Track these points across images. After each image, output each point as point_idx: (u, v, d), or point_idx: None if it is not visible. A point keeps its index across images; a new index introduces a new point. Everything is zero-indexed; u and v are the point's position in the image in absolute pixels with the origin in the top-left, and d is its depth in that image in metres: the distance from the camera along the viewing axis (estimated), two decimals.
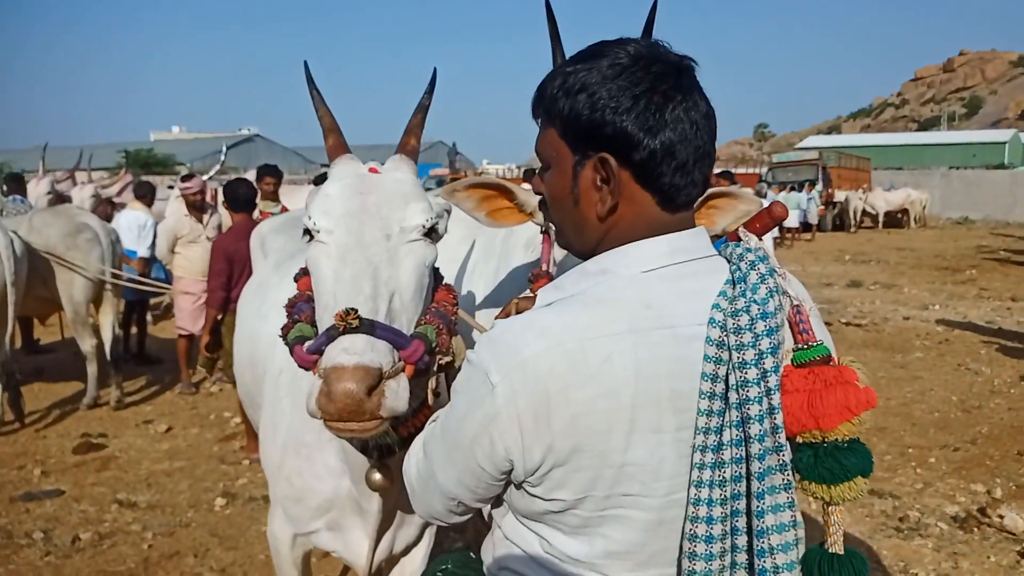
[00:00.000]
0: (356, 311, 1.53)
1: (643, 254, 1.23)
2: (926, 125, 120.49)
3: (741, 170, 39.19)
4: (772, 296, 1.17)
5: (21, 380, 6.66)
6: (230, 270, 5.61)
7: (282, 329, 1.85)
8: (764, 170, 30.81)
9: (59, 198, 9.19)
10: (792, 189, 22.98)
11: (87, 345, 6.85)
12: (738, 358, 1.15)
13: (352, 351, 1.49)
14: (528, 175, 15.24)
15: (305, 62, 2.06)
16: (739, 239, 1.29)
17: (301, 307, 1.88)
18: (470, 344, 2.02)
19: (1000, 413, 6.51)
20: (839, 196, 26.88)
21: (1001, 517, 4.48)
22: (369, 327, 1.54)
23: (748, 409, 1.15)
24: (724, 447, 1.17)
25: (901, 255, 18.81)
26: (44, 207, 8.07)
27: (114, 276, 6.96)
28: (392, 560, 2.43)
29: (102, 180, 11.39)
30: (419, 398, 1.83)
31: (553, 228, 2.01)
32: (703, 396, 1.16)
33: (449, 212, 1.97)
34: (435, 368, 1.80)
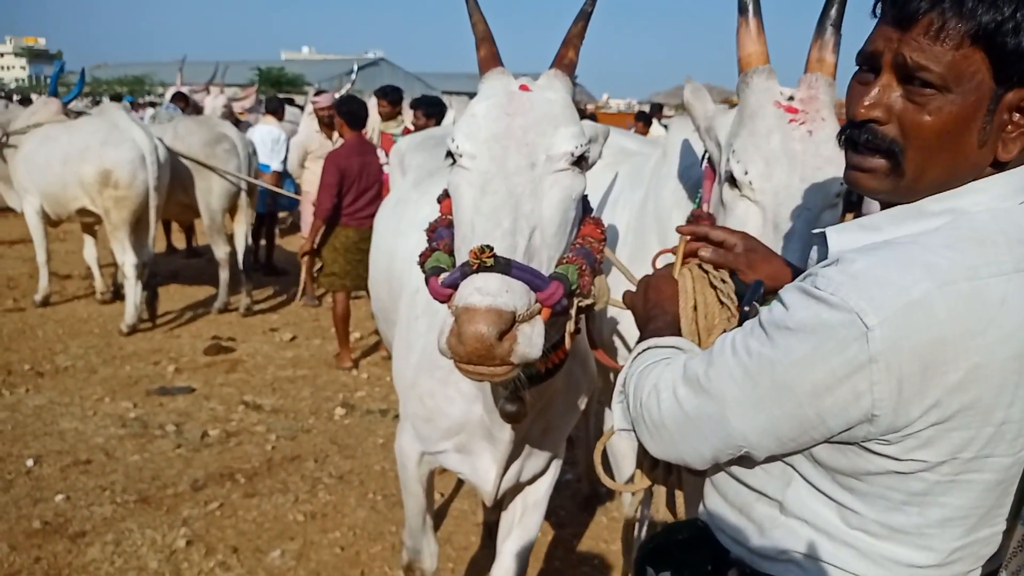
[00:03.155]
0: (492, 249, 1.44)
1: (1003, 188, 1.11)
2: None
3: None
4: None
5: (159, 282, 7.00)
6: (340, 183, 5.70)
7: (420, 256, 1.79)
8: None
9: (194, 108, 9.52)
10: None
11: (221, 252, 7.12)
12: None
13: (485, 291, 1.41)
14: (654, 110, 14.73)
15: None
16: None
17: (441, 232, 1.81)
18: (615, 285, 1.90)
19: None
20: None
21: None
22: (505, 266, 1.45)
23: None
24: None
25: None
26: (186, 116, 8.34)
27: (249, 185, 7.18)
28: (517, 488, 2.41)
29: (235, 94, 11.71)
30: (554, 338, 1.75)
31: (739, 160, 1.84)
32: None
33: (606, 137, 1.84)
34: (574, 311, 1.70)
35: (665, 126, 14.32)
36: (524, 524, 2.49)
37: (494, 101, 1.66)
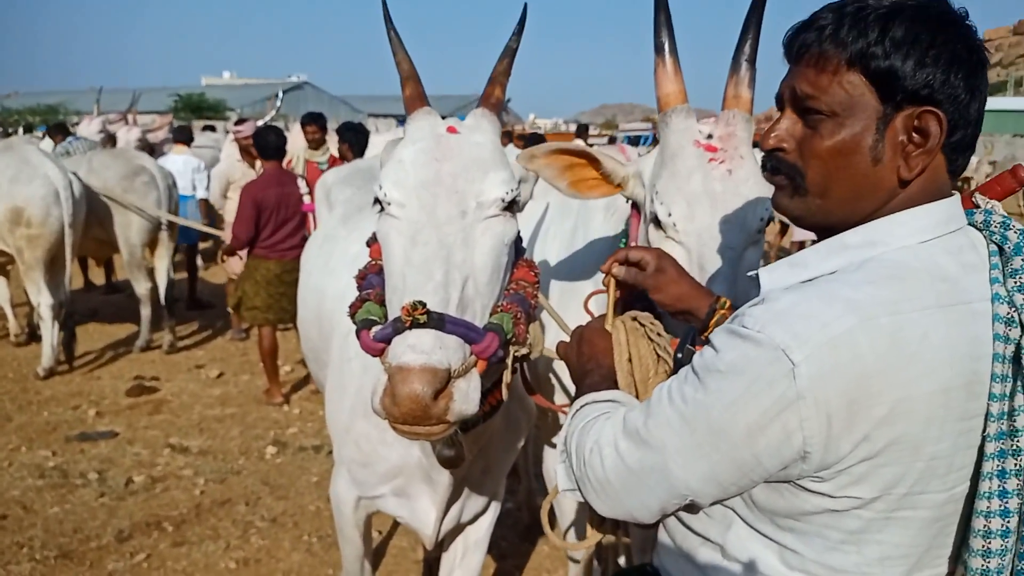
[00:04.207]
0: (424, 305, 1.41)
1: (922, 222, 1.12)
2: (992, 91, 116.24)
3: None
4: None
5: (77, 321, 6.73)
6: (257, 215, 5.60)
7: (350, 307, 1.75)
8: None
9: (109, 138, 9.23)
10: None
11: (142, 288, 6.89)
12: None
13: (419, 349, 1.39)
14: (581, 131, 14.87)
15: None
16: (975, 206, 1.19)
17: (371, 280, 1.78)
18: (548, 332, 1.88)
19: None
20: None
21: None
22: (438, 321, 1.43)
23: None
24: (1019, 434, 1.07)
25: None
26: (102, 149, 8.07)
27: (169, 219, 6.96)
28: (457, 528, 2.37)
29: (149, 124, 11.44)
30: (490, 385, 1.72)
31: (661, 202, 1.82)
32: (996, 379, 1.07)
33: (536, 178, 1.83)
34: (510, 360, 1.68)
35: (591, 146, 14.53)
36: (465, 565, 2.45)
37: (422, 146, 1.63)
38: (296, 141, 7.54)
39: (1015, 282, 1.09)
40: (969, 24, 1.11)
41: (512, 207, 1.65)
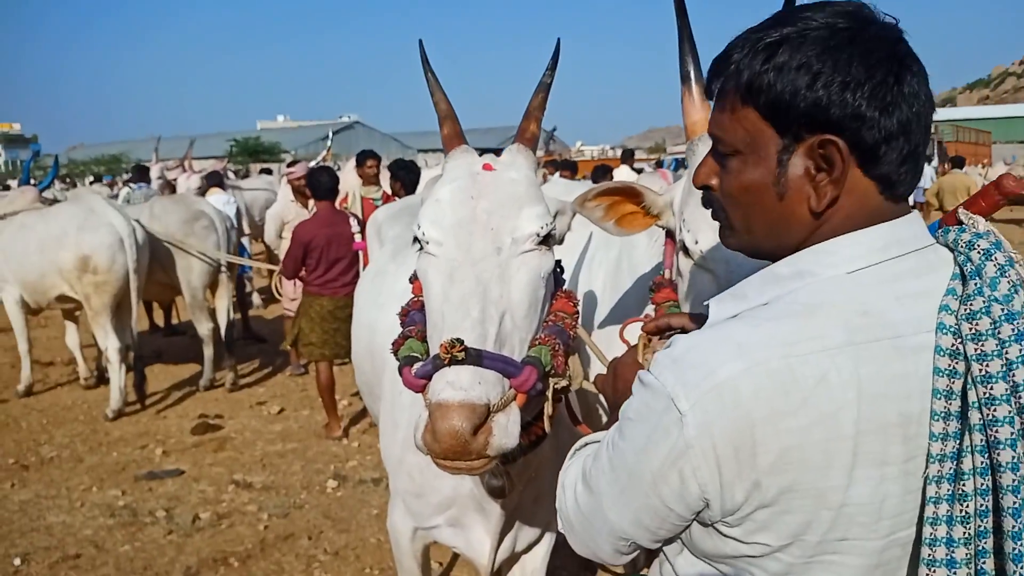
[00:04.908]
0: (462, 342, 1.44)
1: (852, 250, 1.04)
2: None
3: None
4: (1016, 292, 0.98)
5: (145, 363, 6.95)
6: (304, 256, 5.77)
7: (393, 344, 1.79)
8: None
9: (167, 185, 9.58)
10: None
11: (204, 328, 7.09)
12: (981, 371, 0.95)
13: (458, 385, 1.42)
14: (626, 156, 14.87)
15: (420, 41, 1.97)
16: (959, 222, 1.09)
17: (413, 317, 1.81)
18: (587, 362, 1.87)
19: None
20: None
21: None
22: (476, 357, 1.45)
23: (996, 432, 0.95)
24: (965, 477, 0.98)
25: None
26: (163, 195, 8.38)
27: (229, 261, 7.18)
28: (513, 558, 2.37)
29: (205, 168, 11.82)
30: (531, 416, 1.73)
31: (688, 229, 1.81)
32: (936, 417, 0.98)
33: (574, 212, 1.85)
34: (550, 392, 1.69)
35: (639, 170, 14.52)
36: None
37: (458, 185, 1.67)
38: (349, 179, 7.73)
39: (966, 309, 0.98)
40: (882, 34, 1.04)
41: (548, 240, 1.67)
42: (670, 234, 2.03)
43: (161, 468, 5.42)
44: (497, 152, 1.83)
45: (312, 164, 8.74)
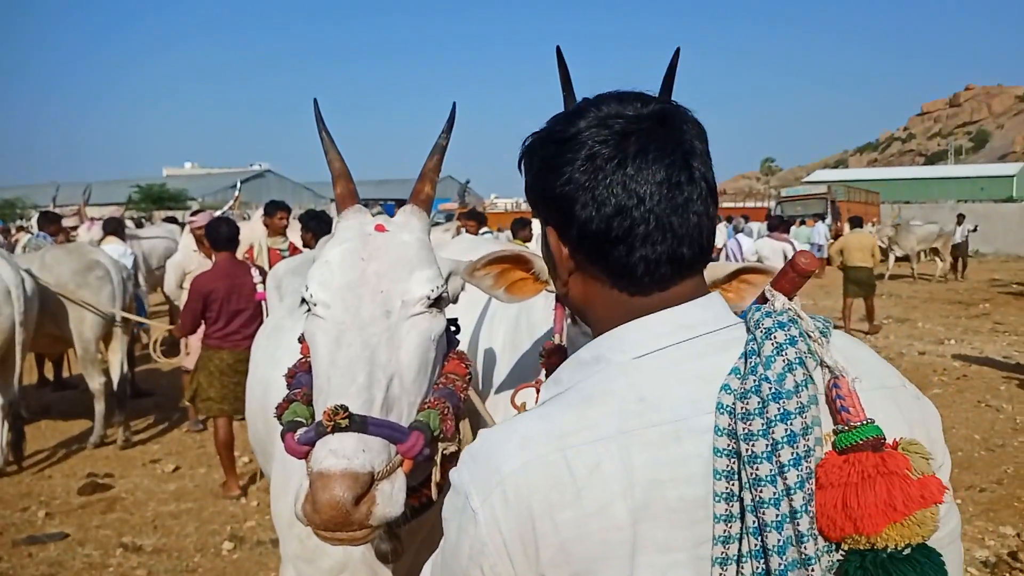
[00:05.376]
0: (346, 408, 1.41)
1: (639, 336, 1.04)
2: (933, 159, 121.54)
3: (749, 204, 39.28)
4: (791, 371, 0.96)
5: (28, 419, 6.58)
6: (204, 308, 5.64)
7: (277, 408, 1.74)
8: (772, 204, 30.84)
9: (64, 233, 9.21)
10: (801, 223, 22.91)
11: (96, 383, 6.78)
12: (747, 450, 0.94)
13: (340, 454, 1.38)
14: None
15: (315, 100, 1.97)
16: (765, 299, 1.08)
17: (300, 379, 1.76)
18: (484, 425, 1.85)
19: None
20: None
21: None
22: (361, 424, 1.42)
23: (763, 514, 0.93)
24: (744, 559, 0.95)
25: (913, 288, 18.66)
26: (55, 245, 8.05)
27: (124, 316, 6.90)
28: None
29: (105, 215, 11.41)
30: (420, 479, 1.71)
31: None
32: (718, 499, 0.95)
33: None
34: (439, 457, 1.66)
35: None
36: None
37: (349, 246, 1.65)
38: (256, 229, 7.61)
39: (741, 387, 0.96)
40: (581, 111, 1.07)
41: (439, 303, 1.66)
42: (559, 299, 1.99)
43: (43, 531, 5.11)
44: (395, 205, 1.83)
45: (219, 213, 8.57)
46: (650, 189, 1.02)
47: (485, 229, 16.11)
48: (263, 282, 5.69)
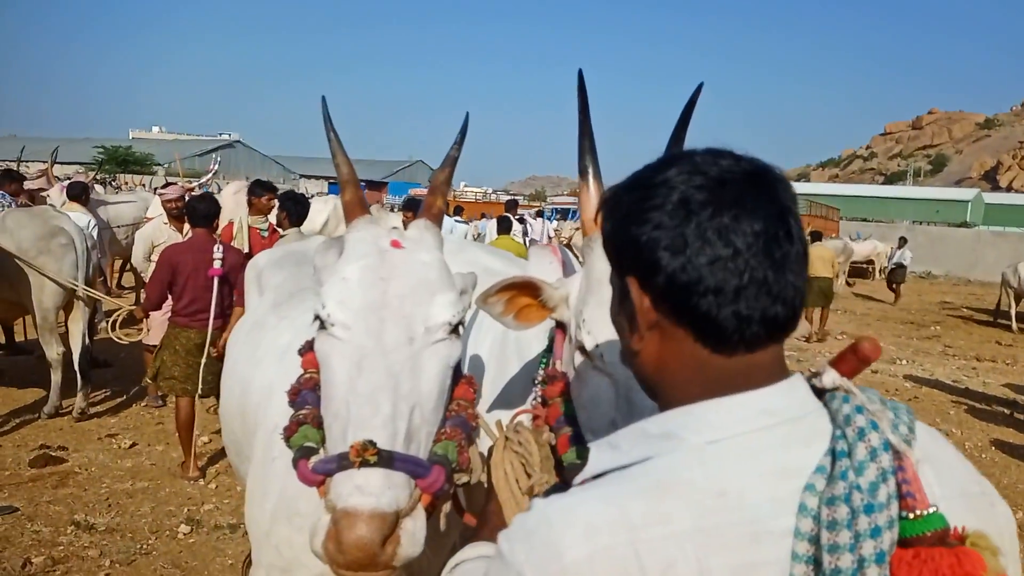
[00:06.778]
0: (375, 445, 1.36)
1: (716, 417, 0.96)
2: (892, 179, 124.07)
3: None
4: (885, 480, 0.89)
5: None
6: (172, 280, 5.56)
7: (284, 430, 1.68)
8: None
9: (31, 198, 8.94)
10: None
11: (53, 352, 6.62)
12: (831, 563, 0.88)
13: (367, 491, 1.33)
14: (511, 206, 14.92)
15: (323, 98, 1.92)
16: (836, 386, 0.99)
17: (306, 397, 1.69)
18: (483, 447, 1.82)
19: None
20: None
21: None
22: (387, 460, 1.37)
23: None
24: None
25: (867, 306, 19.06)
26: (18, 208, 7.82)
27: (87, 278, 6.72)
28: None
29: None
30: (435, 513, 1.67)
31: (588, 331, 1.74)
32: None
33: (474, 285, 1.80)
34: (451, 491, 1.61)
35: (520, 218, 14.67)
36: None
37: (367, 263, 1.58)
38: (229, 204, 7.47)
39: (828, 492, 0.90)
40: (669, 163, 1.02)
41: (458, 329, 1.61)
42: (560, 325, 1.97)
43: None
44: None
45: (195, 183, 8.39)
46: (747, 240, 0.95)
47: (458, 218, 16.12)
48: (223, 259, 5.57)
